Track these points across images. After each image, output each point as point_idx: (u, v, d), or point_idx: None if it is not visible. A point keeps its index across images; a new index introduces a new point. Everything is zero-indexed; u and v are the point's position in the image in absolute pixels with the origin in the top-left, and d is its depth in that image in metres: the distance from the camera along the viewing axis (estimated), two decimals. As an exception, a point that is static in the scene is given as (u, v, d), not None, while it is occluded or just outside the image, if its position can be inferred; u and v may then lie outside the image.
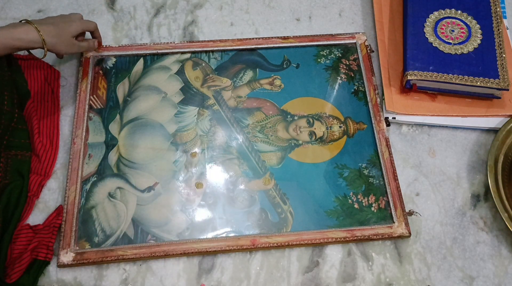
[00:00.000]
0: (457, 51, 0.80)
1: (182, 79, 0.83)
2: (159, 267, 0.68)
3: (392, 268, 0.69)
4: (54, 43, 0.71)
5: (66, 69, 0.84)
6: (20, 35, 0.68)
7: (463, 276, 0.69)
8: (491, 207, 0.74)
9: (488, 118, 0.79)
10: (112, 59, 0.84)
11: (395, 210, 0.71)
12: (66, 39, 0.73)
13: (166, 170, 0.74)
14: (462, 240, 0.71)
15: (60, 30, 0.72)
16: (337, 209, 0.72)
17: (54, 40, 0.71)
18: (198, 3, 0.93)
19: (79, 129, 0.76)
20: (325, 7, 0.93)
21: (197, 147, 0.77)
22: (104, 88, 0.81)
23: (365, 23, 0.91)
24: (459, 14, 0.84)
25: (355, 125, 0.79)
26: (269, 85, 0.82)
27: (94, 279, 0.67)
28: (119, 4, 0.92)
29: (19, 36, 0.67)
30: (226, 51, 0.85)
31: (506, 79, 0.77)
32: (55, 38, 0.71)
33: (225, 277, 0.68)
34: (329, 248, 0.70)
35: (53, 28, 0.71)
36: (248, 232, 0.70)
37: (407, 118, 0.79)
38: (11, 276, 0.63)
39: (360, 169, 0.75)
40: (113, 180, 0.73)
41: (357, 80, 0.83)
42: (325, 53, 0.85)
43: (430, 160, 0.78)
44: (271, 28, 0.90)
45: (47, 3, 0.91)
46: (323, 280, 0.68)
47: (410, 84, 0.79)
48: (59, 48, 0.73)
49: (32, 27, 0.69)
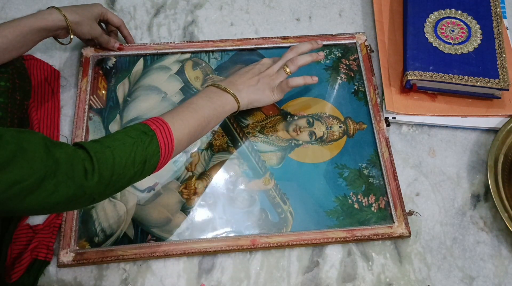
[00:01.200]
0: (457, 51, 0.80)
1: (182, 79, 0.83)
2: (159, 267, 0.68)
3: (392, 268, 0.69)
4: (77, 21, 0.73)
5: (66, 69, 0.84)
6: (44, 15, 0.71)
7: (463, 276, 0.69)
8: (491, 207, 0.74)
9: (488, 118, 0.79)
10: (112, 59, 0.84)
11: (395, 210, 0.71)
12: (89, 19, 0.76)
13: (166, 170, 0.74)
14: (462, 240, 0.71)
15: (82, 10, 0.75)
16: (337, 209, 0.72)
17: (76, 18, 0.73)
18: (198, 3, 0.93)
19: (79, 129, 0.76)
20: (325, 7, 0.93)
21: (197, 147, 0.77)
22: (104, 88, 0.81)
23: (365, 23, 0.91)
24: (459, 14, 0.84)
25: (355, 125, 0.79)
26: (269, 85, 0.82)
27: (94, 279, 0.67)
28: (119, 4, 0.92)
29: (43, 16, 0.71)
30: (226, 51, 0.85)
31: (506, 79, 0.77)
32: (78, 16, 0.74)
33: (225, 277, 0.68)
34: (329, 248, 0.70)
35: (75, 8, 0.75)
36: (248, 232, 0.70)
37: (407, 118, 0.80)
38: (11, 276, 0.63)
39: (360, 169, 0.75)
40: (113, 180, 0.73)
41: (357, 80, 0.83)
42: (325, 53, 0.85)
43: (430, 160, 0.78)
44: (271, 28, 0.90)
45: (47, 3, 0.91)
46: (323, 280, 0.68)
47: (410, 84, 0.79)
48: (82, 28, 0.75)
49: (54, 9, 0.72)
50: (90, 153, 0.52)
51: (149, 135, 0.58)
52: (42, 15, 0.71)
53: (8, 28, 0.68)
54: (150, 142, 0.57)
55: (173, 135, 0.60)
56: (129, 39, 0.85)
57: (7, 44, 0.68)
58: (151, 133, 0.58)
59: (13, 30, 0.68)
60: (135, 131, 0.57)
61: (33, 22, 0.69)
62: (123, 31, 0.84)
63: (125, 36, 0.85)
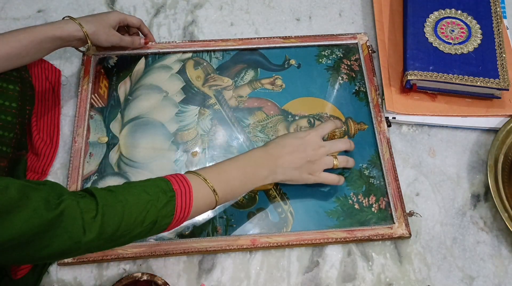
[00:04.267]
0: (457, 51, 0.80)
1: (183, 79, 0.83)
2: (159, 267, 0.68)
3: (392, 268, 0.69)
4: (93, 31, 0.73)
5: (68, 68, 0.84)
6: (60, 24, 0.70)
7: (463, 276, 0.69)
8: (491, 207, 0.74)
9: (488, 118, 0.79)
10: (113, 58, 0.84)
11: (396, 211, 0.71)
12: (105, 28, 0.75)
13: (167, 169, 0.74)
14: (462, 240, 0.71)
15: (98, 19, 0.74)
16: (338, 209, 0.72)
17: (93, 27, 0.72)
18: (198, 3, 0.93)
19: (80, 128, 0.76)
20: (325, 7, 0.93)
21: (198, 146, 0.77)
22: (105, 87, 0.81)
23: (365, 23, 0.91)
24: (459, 14, 0.84)
25: (356, 125, 0.79)
26: (270, 85, 0.82)
27: (94, 279, 0.67)
28: (119, 4, 0.92)
29: (59, 25, 0.70)
30: (228, 50, 0.85)
31: (506, 79, 0.77)
32: (94, 26, 0.73)
33: (225, 277, 0.68)
34: (329, 248, 0.70)
35: (91, 18, 0.74)
36: (248, 232, 0.70)
37: (407, 118, 0.80)
38: (16, 273, 0.63)
39: (361, 169, 0.75)
40: (113, 179, 0.73)
41: (358, 81, 0.83)
42: (326, 53, 0.85)
43: (430, 160, 0.78)
44: (271, 28, 0.90)
45: (47, 3, 0.91)
46: (323, 280, 0.68)
47: (410, 84, 0.80)
48: (99, 36, 0.74)
49: (70, 18, 0.72)
50: (98, 205, 0.49)
51: (168, 196, 0.54)
52: (58, 24, 0.70)
53: (23, 33, 0.67)
54: (166, 203, 0.53)
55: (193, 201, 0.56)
56: (150, 36, 0.85)
57: (20, 49, 0.67)
58: (171, 194, 0.54)
59: (28, 36, 0.67)
60: (155, 188, 0.54)
61: (48, 30, 0.69)
62: (143, 29, 0.84)
63: (145, 34, 0.84)
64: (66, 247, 0.48)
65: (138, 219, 0.52)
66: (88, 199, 0.50)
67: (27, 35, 0.67)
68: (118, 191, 0.52)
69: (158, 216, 0.53)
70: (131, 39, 0.81)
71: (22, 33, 0.67)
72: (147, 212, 0.52)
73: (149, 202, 0.52)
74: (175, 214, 0.54)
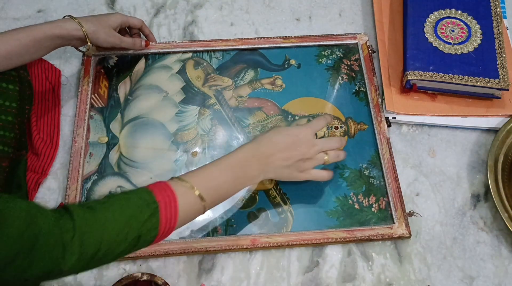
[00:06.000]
0: (457, 51, 0.80)
1: (183, 79, 0.83)
2: (159, 267, 0.68)
3: (392, 268, 0.69)
4: (93, 30, 0.72)
5: (68, 68, 0.84)
6: (59, 23, 0.70)
7: (463, 276, 0.69)
8: (491, 207, 0.74)
9: (488, 118, 0.80)
10: (113, 58, 0.84)
11: (396, 211, 0.71)
12: (106, 28, 0.74)
13: (167, 169, 0.74)
14: (462, 240, 0.71)
15: (99, 19, 0.74)
16: (338, 209, 0.72)
17: (92, 27, 0.72)
18: (198, 3, 0.93)
19: (80, 128, 0.76)
20: (325, 7, 0.93)
21: (198, 146, 0.77)
22: (105, 87, 0.81)
23: (365, 23, 0.91)
24: (459, 14, 0.84)
25: (356, 125, 0.79)
26: (270, 85, 0.82)
27: (94, 279, 0.67)
28: (119, 4, 0.92)
29: (58, 23, 0.70)
30: (228, 50, 0.85)
31: (506, 79, 0.77)
32: (94, 26, 0.73)
33: (225, 277, 0.68)
34: (329, 248, 0.70)
35: (91, 18, 0.74)
36: (248, 232, 0.70)
37: (407, 118, 0.80)
38: None
39: (361, 169, 0.75)
40: (113, 179, 0.73)
41: (358, 81, 0.83)
42: (326, 53, 0.85)
43: (430, 160, 0.78)
44: (271, 28, 0.90)
45: (47, 3, 0.91)
46: (323, 280, 0.68)
47: (410, 84, 0.80)
48: (98, 36, 0.74)
49: (70, 18, 0.72)
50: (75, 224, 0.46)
51: (151, 208, 0.51)
52: (58, 22, 0.70)
53: (22, 32, 0.67)
54: (150, 216, 0.51)
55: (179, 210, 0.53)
56: (151, 37, 0.85)
57: (19, 47, 0.67)
58: (154, 206, 0.51)
59: (27, 35, 0.67)
60: (137, 201, 0.51)
61: (48, 29, 0.69)
62: (145, 30, 0.84)
63: (146, 35, 0.84)
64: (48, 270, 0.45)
65: (120, 236, 0.49)
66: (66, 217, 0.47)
67: (27, 34, 0.67)
68: (97, 208, 0.49)
69: (142, 230, 0.50)
70: (132, 40, 0.80)
71: (22, 32, 0.67)
72: (130, 228, 0.49)
73: (131, 216, 0.50)
74: (160, 226, 0.52)
